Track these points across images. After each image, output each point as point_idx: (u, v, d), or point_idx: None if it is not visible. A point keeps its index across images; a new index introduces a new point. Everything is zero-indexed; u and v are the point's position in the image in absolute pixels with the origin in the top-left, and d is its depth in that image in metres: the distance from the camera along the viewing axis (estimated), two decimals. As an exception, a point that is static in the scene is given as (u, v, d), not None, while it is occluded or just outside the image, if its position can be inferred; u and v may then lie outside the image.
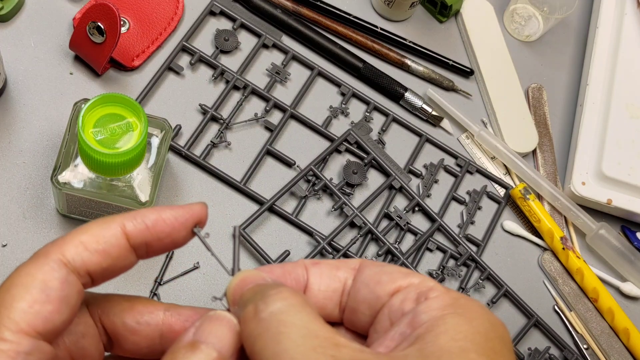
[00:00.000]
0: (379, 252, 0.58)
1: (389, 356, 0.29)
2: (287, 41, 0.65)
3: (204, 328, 0.31)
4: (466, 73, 0.69)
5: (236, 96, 0.62)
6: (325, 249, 0.57)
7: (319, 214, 0.60)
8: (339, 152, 0.62)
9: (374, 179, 0.62)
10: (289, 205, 0.59)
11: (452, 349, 0.28)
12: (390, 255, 0.59)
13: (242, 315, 0.30)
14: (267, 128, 0.61)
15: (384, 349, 0.30)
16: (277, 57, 0.64)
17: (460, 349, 0.28)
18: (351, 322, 0.34)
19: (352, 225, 0.59)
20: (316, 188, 0.59)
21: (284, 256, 0.57)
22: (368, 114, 0.64)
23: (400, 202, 0.62)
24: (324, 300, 0.34)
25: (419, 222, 0.61)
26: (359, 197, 0.61)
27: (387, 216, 0.61)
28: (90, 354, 0.33)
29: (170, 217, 0.33)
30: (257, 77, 0.63)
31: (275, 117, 0.62)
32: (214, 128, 0.60)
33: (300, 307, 0.29)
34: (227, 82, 0.62)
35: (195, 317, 0.33)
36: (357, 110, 0.64)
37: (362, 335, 0.33)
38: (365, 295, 0.32)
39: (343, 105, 0.64)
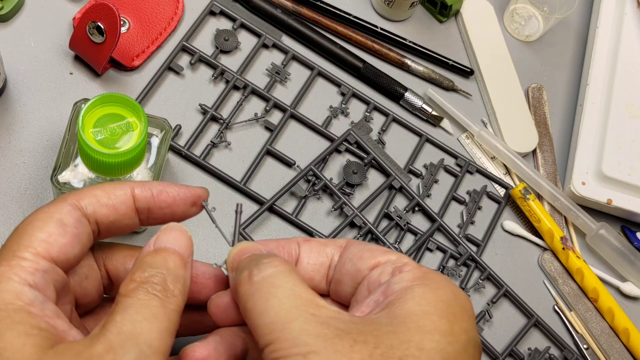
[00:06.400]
0: (379, 252, 0.58)
1: (363, 319, 0.32)
2: (287, 41, 0.65)
3: (162, 237, 0.35)
4: (466, 73, 0.69)
5: (236, 96, 0.62)
6: (325, 249, 0.57)
7: (319, 214, 0.60)
8: (339, 152, 0.62)
9: (374, 179, 0.62)
10: (289, 205, 0.59)
11: (417, 312, 0.32)
12: (390, 255, 0.59)
13: (238, 279, 0.34)
14: (267, 128, 0.61)
15: (359, 314, 0.34)
16: (277, 57, 0.64)
17: (424, 312, 0.32)
18: (336, 293, 0.38)
19: (352, 225, 0.59)
20: (316, 188, 0.59)
21: (284, 256, 0.57)
22: (368, 114, 0.64)
23: (400, 202, 0.62)
24: (313, 273, 0.38)
25: (419, 222, 0.61)
26: (359, 197, 0.61)
27: (387, 216, 0.61)
28: (91, 294, 0.38)
29: (173, 191, 0.38)
30: (257, 77, 0.63)
31: (275, 117, 0.62)
32: (214, 128, 0.60)
33: (287, 273, 0.33)
34: (227, 82, 0.61)
35: None
36: (357, 110, 0.64)
37: (345, 306, 0.37)
38: (348, 268, 0.37)
39: (343, 105, 0.64)
